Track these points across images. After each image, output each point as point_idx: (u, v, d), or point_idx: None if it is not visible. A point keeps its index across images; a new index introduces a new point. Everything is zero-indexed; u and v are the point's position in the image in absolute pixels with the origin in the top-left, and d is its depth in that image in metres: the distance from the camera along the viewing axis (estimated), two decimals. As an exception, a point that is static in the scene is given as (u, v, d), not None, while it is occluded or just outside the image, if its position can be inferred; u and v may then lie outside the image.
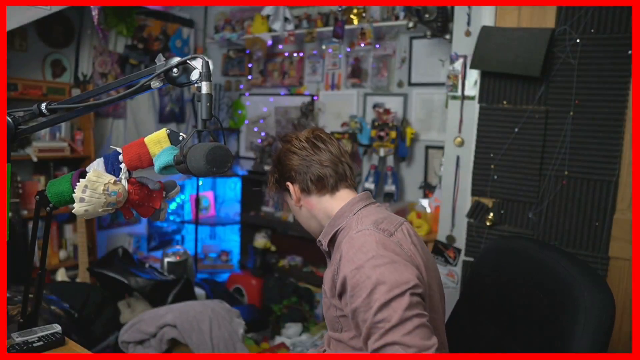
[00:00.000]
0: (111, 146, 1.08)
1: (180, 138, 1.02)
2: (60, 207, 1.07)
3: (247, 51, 3.85)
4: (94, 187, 0.99)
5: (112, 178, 1.01)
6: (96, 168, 1.05)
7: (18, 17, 2.27)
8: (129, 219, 1.08)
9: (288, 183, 1.18)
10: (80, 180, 0.99)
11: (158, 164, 0.98)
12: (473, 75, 2.17)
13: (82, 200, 0.98)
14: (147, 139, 1.02)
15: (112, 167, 1.05)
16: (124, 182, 1.04)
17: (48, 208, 1.06)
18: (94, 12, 2.77)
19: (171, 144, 1.02)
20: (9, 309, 1.33)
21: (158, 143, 1.01)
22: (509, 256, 1.31)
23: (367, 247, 0.97)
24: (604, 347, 0.97)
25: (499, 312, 1.28)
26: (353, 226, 1.07)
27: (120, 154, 1.04)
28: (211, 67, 0.93)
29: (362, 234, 1.01)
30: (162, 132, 1.02)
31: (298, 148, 1.16)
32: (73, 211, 0.99)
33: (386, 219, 1.08)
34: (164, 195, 1.10)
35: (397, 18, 2.97)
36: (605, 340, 0.97)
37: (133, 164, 1.04)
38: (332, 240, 1.14)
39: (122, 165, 1.04)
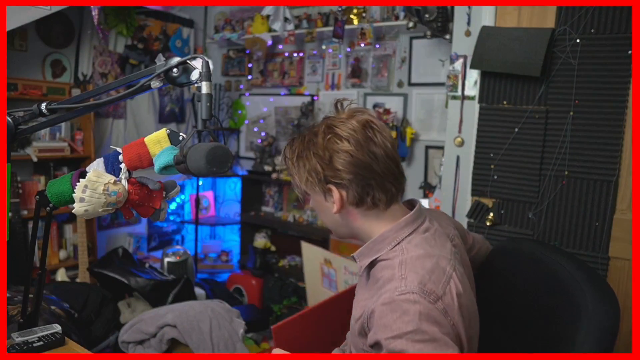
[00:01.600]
0: (111, 146, 1.08)
1: (180, 138, 1.02)
2: (60, 207, 1.07)
3: (247, 51, 3.85)
4: (94, 187, 0.99)
5: (112, 178, 1.01)
6: (96, 168, 1.05)
7: (18, 17, 2.27)
8: (129, 219, 1.08)
9: (332, 187, 1.00)
10: (80, 180, 0.99)
11: (158, 164, 0.98)
12: (473, 75, 2.17)
13: (82, 200, 0.98)
14: (147, 139, 1.02)
15: (112, 167, 1.05)
16: (124, 182, 1.04)
17: (48, 208, 1.06)
18: (94, 12, 2.77)
19: (171, 144, 1.02)
20: (9, 309, 1.33)
21: (158, 143, 1.01)
22: (514, 258, 1.31)
23: (409, 318, 0.86)
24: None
25: (502, 313, 1.28)
26: (396, 275, 0.92)
27: (120, 154, 1.04)
28: (211, 67, 0.93)
29: (405, 300, 0.87)
30: (162, 132, 1.02)
31: (355, 147, 0.96)
32: (73, 211, 0.99)
33: (435, 270, 0.93)
34: (164, 195, 1.10)
35: (397, 18, 2.97)
36: (608, 349, 0.97)
37: (133, 164, 1.04)
38: (369, 264, 1.02)
39: (122, 165, 1.04)
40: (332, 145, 0.97)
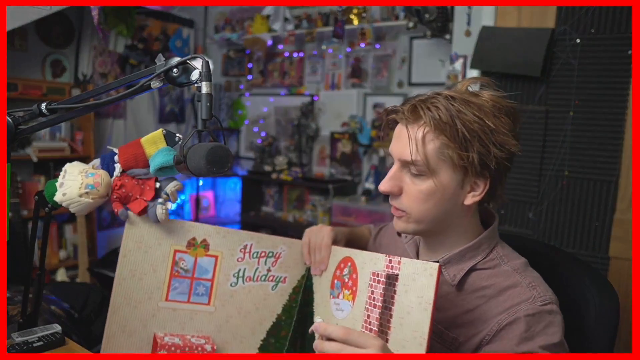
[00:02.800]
0: (108, 147, 1.07)
1: (177, 139, 1.01)
2: (59, 208, 1.07)
3: (247, 51, 3.85)
4: (72, 170, 0.99)
5: (95, 164, 1.02)
6: (92, 169, 1.05)
7: (18, 17, 2.27)
8: (117, 212, 1.04)
9: (488, 175, 0.86)
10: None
11: (153, 165, 0.97)
12: (473, 75, 2.17)
13: (61, 185, 0.98)
14: (143, 140, 1.01)
15: (108, 168, 1.04)
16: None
17: (47, 208, 1.06)
18: (94, 12, 2.77)
19: (167, 144, 1.01)
20: (9, 309, 1.33)
21: (154, 144, 1.00)
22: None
23: (554, 330, 0.82)
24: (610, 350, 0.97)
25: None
26: (521, 282, 0.86)
27: (116, 154, 1.04)
28: (211, 67, 0.93)
29: (549, 310, 0.83)
30: (158, 133, 1.01)
31: (516, 134, 0.87)
32: (55, 198, 0.99)
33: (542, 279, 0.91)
34: (157, 186, 1.07)
35: (397, 18, 2.98)
36: (609, 345, 0.97)
37: (128, 165, 1.02)
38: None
39: (117, 165, 1.03)
40: (502, 129, 0.84)
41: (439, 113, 0.82)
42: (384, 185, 0.89)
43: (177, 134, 1.01)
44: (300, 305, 1.06)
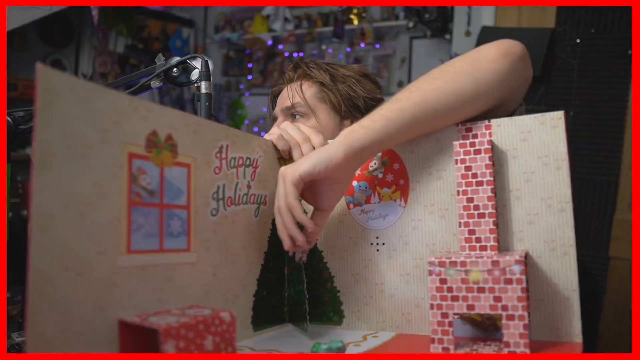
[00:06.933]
0: None
1: None
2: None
3: (247, 51, 3.85)
4: None
5: None
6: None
7: (18, 17, 2.27)
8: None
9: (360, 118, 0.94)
10: None
11: None
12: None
13: None
14: None
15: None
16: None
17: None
18: (94, 12, 2.77)
19: None
20: (9, 309, 1.33)
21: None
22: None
23: None
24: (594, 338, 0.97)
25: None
26: None
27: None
28: (211, 66, 0.93)
29: None
30: None
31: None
32: None
33: None
34: None
35: (397, 18, 2.98)
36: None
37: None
38: None
39: None
40: (368, 84, 1.01)
41: (315, 66, 0.99)
42: (267, 137, 0.85)
43: None
44: None
